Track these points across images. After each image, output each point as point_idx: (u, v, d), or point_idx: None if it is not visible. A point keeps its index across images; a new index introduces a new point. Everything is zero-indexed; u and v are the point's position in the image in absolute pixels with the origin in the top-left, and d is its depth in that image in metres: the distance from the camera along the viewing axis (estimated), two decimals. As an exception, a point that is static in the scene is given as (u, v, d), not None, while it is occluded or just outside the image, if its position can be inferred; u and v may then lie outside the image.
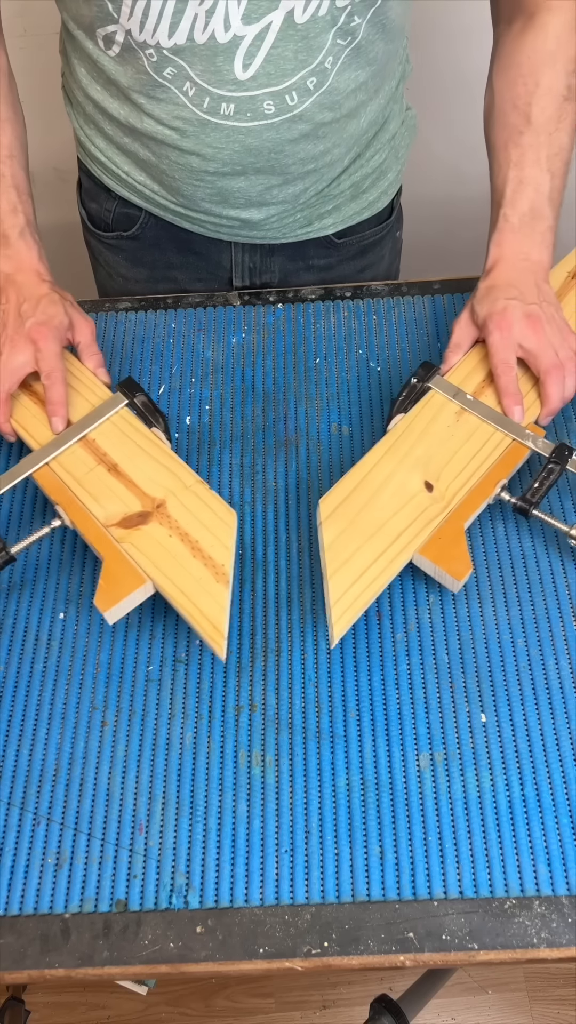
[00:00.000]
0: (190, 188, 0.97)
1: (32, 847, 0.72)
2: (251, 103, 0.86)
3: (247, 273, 1.10)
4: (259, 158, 0.91)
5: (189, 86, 0.86)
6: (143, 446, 0.86)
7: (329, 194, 1.02)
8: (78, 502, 0.82)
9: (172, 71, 0.85)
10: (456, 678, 0.79)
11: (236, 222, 1.01)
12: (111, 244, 1.13)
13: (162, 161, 0.95)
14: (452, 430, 0.86)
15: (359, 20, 0.83)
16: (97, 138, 1.02)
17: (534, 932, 0.67)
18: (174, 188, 0.99)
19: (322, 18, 0.81)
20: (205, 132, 0.89)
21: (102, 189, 1.07)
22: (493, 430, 0.86)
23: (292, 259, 1.09)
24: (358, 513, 0.80)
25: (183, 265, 1.11)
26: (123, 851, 0.71)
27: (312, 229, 1.06)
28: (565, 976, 1.49)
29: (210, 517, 0.81)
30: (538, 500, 0.82)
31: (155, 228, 1.08)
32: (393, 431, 0.87)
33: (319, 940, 0.68)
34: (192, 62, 0.84)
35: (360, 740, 0.76)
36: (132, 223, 1.08)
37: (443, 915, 0.68)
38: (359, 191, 1.05)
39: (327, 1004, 1.48)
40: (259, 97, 0.86)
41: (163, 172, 0.97)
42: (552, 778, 0.73)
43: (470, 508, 0.82)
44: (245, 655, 0.81)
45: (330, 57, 0.85)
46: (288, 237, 1.05)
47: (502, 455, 0.85)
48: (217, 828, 0.72)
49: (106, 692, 0.79)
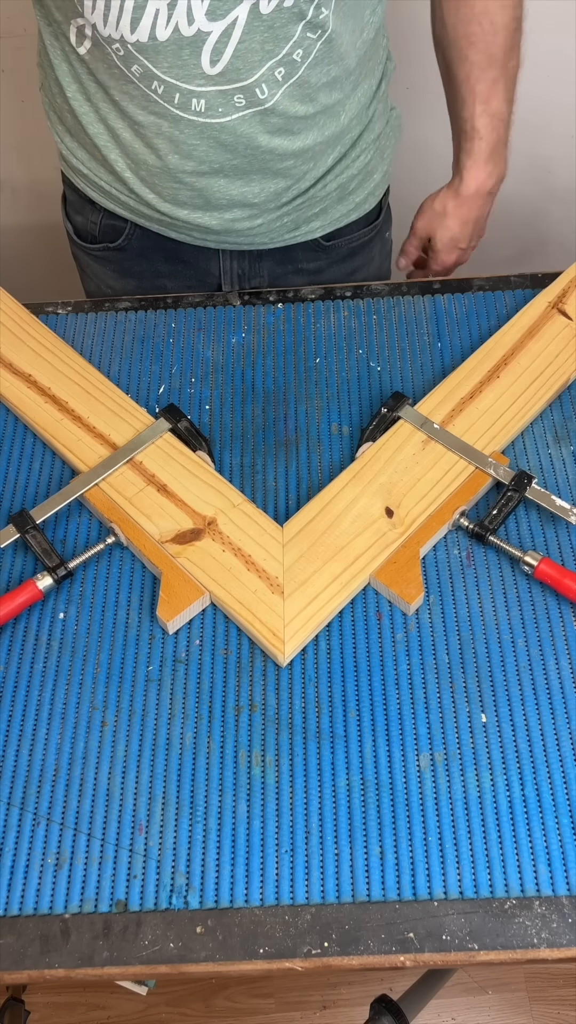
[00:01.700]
0: (171, 192, 0.96)
1: (32, 847, 0.72)
2: (221, 97, 0.86)
3: (236, 279, 1.10)
4: (235, 154, 0.91)
5: (157, 84, 0.85)
6: (189, 468, 0.90)
7: (315, 196, 1.02)
8: (131, 520, 0.86)
9: (139, 69, 0.84)
10: (456, 678, 0.79)
11: (221, 228, 1.00)
12: (98, 256, 1.12)
13: (141, 167, 0.95)
14: (417, 458, 0.90)
15: (327, 12, 0.83)
16: (79, 151, 1.01)
17: (534, 932, 0.67)
18: (157, 194, 0.98)
19: (288, 9, 0.81)
20: (179, 128, 0.89)
21: (87, 202, 1.07)
22: (457, 459, 0.89)
23: (281, 263, 1.09)
24: (319, 537, 0.84)
25: (171, 274, 1.10)
26: (123, 851, 0.71)
27: (300, 233, 1.05)
28: (565, 976, 1.49)
29: (259, 532, 0.85)
30: (495, 527, 0.84)
31: (141, 238, 1.07)
32: (360, 458, 0.90)
33: (319, 940, 0.68)
34: (156, 60, 0.83)
35: (360, 740, 0.76)
36: (118, 234, 1.08)
37: (443, 915, 0.68)
38: (345, 192, 1.05)
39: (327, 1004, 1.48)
40: (229, 92, 0.85)
41: (143, 179, 0.97)
42: (552, 778, 0.73)
43: (427, 534, 0.84)
44: (245, 655, 0.81)
45: (299, 50, 0.84)
46: (276, 242, 1.05)
47: (464, 483, 0.88)
48: (217, 828, 0.72)
49: (106, 692, 0.79)
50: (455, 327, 1.03)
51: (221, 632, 0.82)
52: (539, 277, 1.07)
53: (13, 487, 0.92)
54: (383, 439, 0.91)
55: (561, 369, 0.95)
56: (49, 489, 0.91)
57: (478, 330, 1.02)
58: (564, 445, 0.93)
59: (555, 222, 1.73)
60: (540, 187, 1.68)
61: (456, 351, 1.01)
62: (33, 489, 0.92)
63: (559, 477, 0.91)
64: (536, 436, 0.94)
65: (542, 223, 1.74)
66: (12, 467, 0.93)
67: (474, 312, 1.04)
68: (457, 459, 0.89)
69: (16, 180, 1.65)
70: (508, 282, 1.07)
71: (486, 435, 0.91)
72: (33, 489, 0.92)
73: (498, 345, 0.97)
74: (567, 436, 0.94)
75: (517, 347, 0.97)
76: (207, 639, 0.82)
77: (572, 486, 0.90)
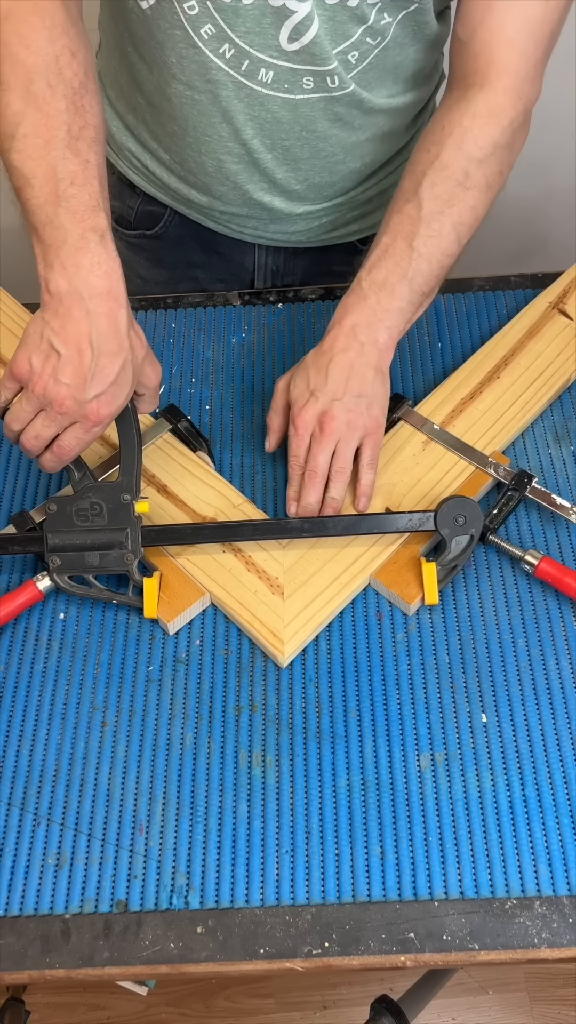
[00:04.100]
0: (215, 163, 0.93)
1: (32, 847, 0.72)
2: (291, 75, 0.84)
3: (269, 276, 1.09)
4: (289, 134, 0.90)
5: (228, 47, 0.82)
6: (190, 468, 0.89)
7: (356, 199, 1.01)
8: None
9: (210, 30, 0.81)
10: (456, 678, 0.79)
11: (261, 212, 0.98)
12: (132, 243, 1.11)
13: (189, 132, 0.92)
14: (418, 459, 0.90)
15: (389, 19, 0.81)
16: (128, 115, 0.99)
17: (535, 932, 0.67)
18: (201, 169, 0.95)
19: (372, 5, 0.79)
20: (239, 96, 0.86)
21: (126, 186, 1.06)
22: (457, 459, 0.89)
23: (315, 263, 1.09)
24: (319, 537, 0.84)
25: (205, 264, 1.10)
26: (123, 851, 0.71)
27: (338, 234, 1.05)
28: (565, 976, 1.49)
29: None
30: (496, 526, 0.84)
31: (179, 227, 1.07)
32: None
33: (319, 940, 0.68)
34: (234, 23, 0.80)
35: (360, 740, 0.76)
36: (156, 221, 1.07)
37: (444, 915, 0.68)
38: (385, 200, 1.04)
39: (327, 1004, 1.48)
40: (300, 71, 0.84)
41: (189, 149, 0.93)
42: (552, 778, 0.73)
43: (427, 534, 0.84)
44: (245, 655, 0.81)
45: (356, 52, 0.83)
46: (313, 241, 1.05)
47: (464, 483, 0.87)
48: (217, 828, 0.72)
49: (106, 692, 0.79)
50: (455, 327, 1.03)
51: (221, 632, 0.82)
52: (539, 277, 1.06)
53: (13, 487, 0.92)
54: (383, 440, 0.91)
55: (561, 369, 0.95)
56: (49, 489, 0.91)
57: (478, 330, 1.02)
58: (564, 445, 0.93)
59: (555, 222, 1.73)
60: (540, 187, 1.68)
61: (456, 351, 1.01)
62: (33, 489, 0.91)
63: (559, 477, 0.91)
64: (536, 436, 0.94)
65: (542, 223, 1.74)
66: (12, 467, 0.93)
67: (474, 312, 1.04)
68: (457, 459, 0.89)
69: (16, 180, 1.65)
70: (508, 282, 1.07)
71: (486, 435, 0.91)
72: (33, 489, 0.91)
73: (498, 345, 0.97)
74: (567, 436, 0.94)
75: (517, 347, 0.97)
76: (207, 639, 0.82)
77: (572, 485, 0.90)
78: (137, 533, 0.80)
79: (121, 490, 0.80)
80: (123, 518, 0.80)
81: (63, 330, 0.70)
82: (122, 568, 0.80)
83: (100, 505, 0.80)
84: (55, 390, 0.71)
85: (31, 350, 0.72)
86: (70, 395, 0.71)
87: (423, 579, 0.81)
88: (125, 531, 0.80)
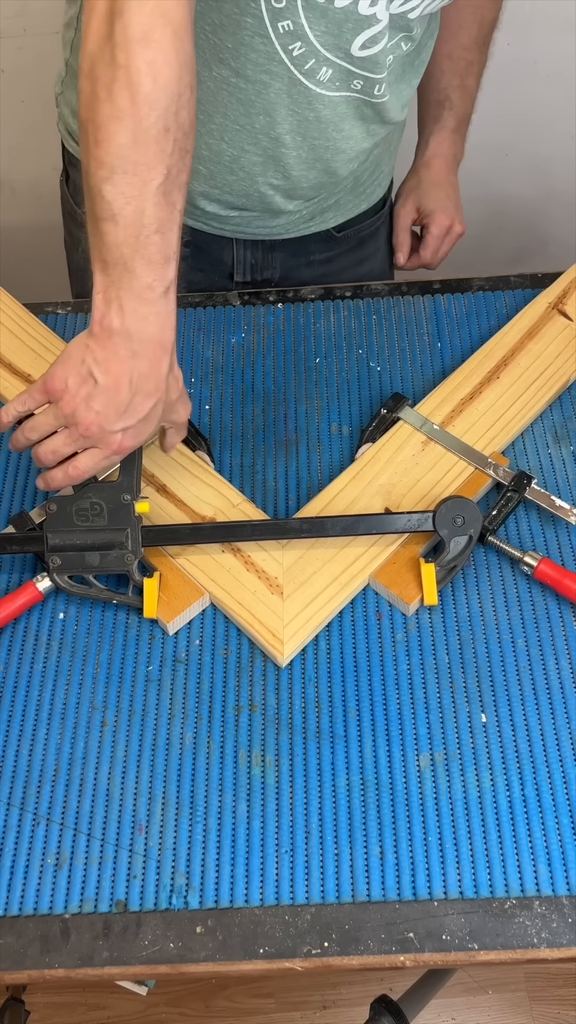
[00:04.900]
0: (234, 152, 0.92)
1: (32, 847, 0.72)
2: (345, 75, 0.85)
3: (248, 269, 1.09)
4: (322, 133, 0.90)
5: (300, 45, 0.82)
6: (189, 468, 0.90)
7: (333, 189, 1.02)
8: None
9: (288, 26, 0.80)
10: (456, 678, 0.79)
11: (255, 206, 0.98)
12: None
13: (214, 119, 0.89)
14: (417, 459, 0.89)
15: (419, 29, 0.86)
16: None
17: (534, 932, 0.67)
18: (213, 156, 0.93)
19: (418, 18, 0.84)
20: (290, 93, 0.86)
21: None
22: (456, 459, 0.89)
23: (294, 255, 1.09)
24: (319, 538, 0.84)
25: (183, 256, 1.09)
26: (123, 851, 0.71)
27: (315, 224, 1.06)
28: (565, 976, 1.49)
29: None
30: (495, 527, 0.84)
31: None
32: (360, 459, 0.90)
33: (319, 940, 0.68)
34: (316, 23, 0.80)
35: (360, 740, 0.76)
36: None
37: (443, 915, 0.68)
38: (358, 184, 1.05)
39: (327, 1004, 1.48)
40: (356, 74, 0.85)
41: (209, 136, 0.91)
42: (552, 778, 0.73)
43: (426, 535, 0.84)
44: (245, 655, 0.81)
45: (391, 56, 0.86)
46: (291, 232, 1.05)
47: (464, 484, 0.88)
48: (217, 828, 0.72)
49: (106, 692, 0.79)
50: (455, 327, 1.03)
51: (221, 632, 0.82)
52: (539, 277, 1.07)
53: (13, 487, 0.92)
54: (383, 440, 0.91)
55: (561, 370, 0.95)
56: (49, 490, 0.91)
57: (478, 330, 1.02)
58: (564, 445, 0.93)
59: (555, 222, 1.73)
60: (540, 187, 1.68)
61: (456, 351, 1.01)
62: (33, 489, 0.91)
63: (559, 477, 0.91)
64: (536, 436, 0.94)
65: (542, 223, 1.74)
66: (12, 467, 0.93)
67: (474, 312, 1.04)
68: (457, 460, 0.89)
69: (16, 180, 1.65)
70: (508, 282, 1.07)
71: (486, 436, 0.91)
72: (33, 489, 0.91)
73: (498, 346, 0.97)
74: (567, 436, 0.94)
75: (517, 348, 0.97)
76: (207, 639, 0.82)
77: (572, 486, 0.90)
78: (137, 533, 0.80)
79: (121, 490, 0.80)
80: (123, 518, 0.80)
81: (105, 362, 0.71)
82: (122, 568, 0.80)
83: (100, 505, 0.80)
84: (84, 414, 0.72)
85: (69, 370, 0.72)
86: (98, 422, 0.72)
87: (422, 579, 0.81)
88: (125, 531, 0.80)
